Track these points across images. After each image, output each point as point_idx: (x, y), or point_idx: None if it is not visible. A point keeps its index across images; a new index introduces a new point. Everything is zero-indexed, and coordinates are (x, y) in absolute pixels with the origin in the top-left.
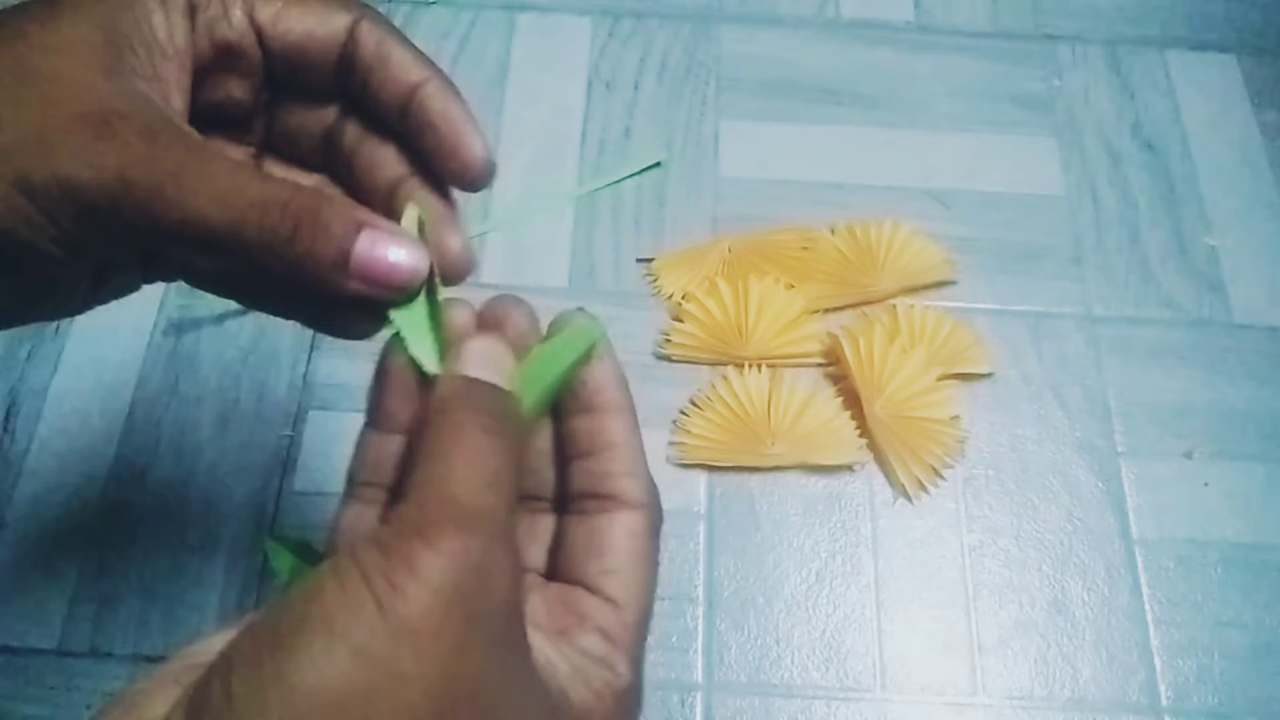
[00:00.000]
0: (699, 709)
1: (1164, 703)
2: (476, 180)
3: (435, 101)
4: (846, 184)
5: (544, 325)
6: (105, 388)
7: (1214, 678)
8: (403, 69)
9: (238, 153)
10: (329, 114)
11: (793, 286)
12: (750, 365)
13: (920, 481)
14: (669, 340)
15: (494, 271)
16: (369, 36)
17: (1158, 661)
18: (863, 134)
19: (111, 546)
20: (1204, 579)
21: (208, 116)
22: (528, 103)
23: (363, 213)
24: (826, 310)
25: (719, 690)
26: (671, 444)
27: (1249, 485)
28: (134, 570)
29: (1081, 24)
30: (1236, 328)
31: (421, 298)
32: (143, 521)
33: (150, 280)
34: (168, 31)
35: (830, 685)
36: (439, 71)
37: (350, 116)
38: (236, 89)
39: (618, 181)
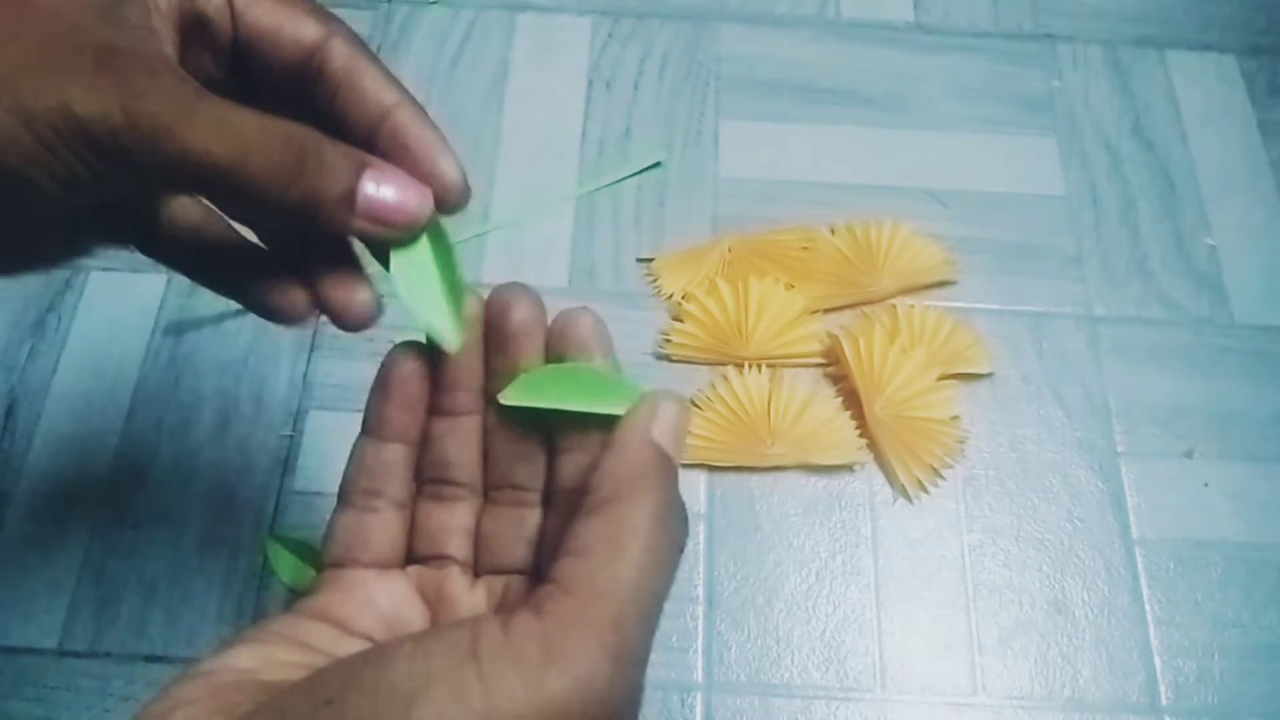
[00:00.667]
0: (699, 709)
1: (1164, 703)
2: (452, 204)
3: (408, 125)
4: (846, 184)
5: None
6: (105, 387)
7: (1214, 678)
8: (374, 90)
9: None
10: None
11: (793, 286)
12: (750, 365)
13: (920, 481)
14: (669, 340)
15: (494, 271)
16: (340, 52)
17: (1158, 661)
18: (863, 134)
19: (111, 546)
20: (1204, 579)
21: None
22: (528, 103)
23: (363, 153)
24: (826, 310)
25: (719, 690)
26: None
27: (1249, 485)
28: (134, 570)
29: (1081, 24)
30: (1236, 328)
31: (425, 251)
32: (143, 521)
33: (117, 240)
34: None
35: (830, 685)
36: (410, 95)
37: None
38: (209, 63)
39: (618, 181)
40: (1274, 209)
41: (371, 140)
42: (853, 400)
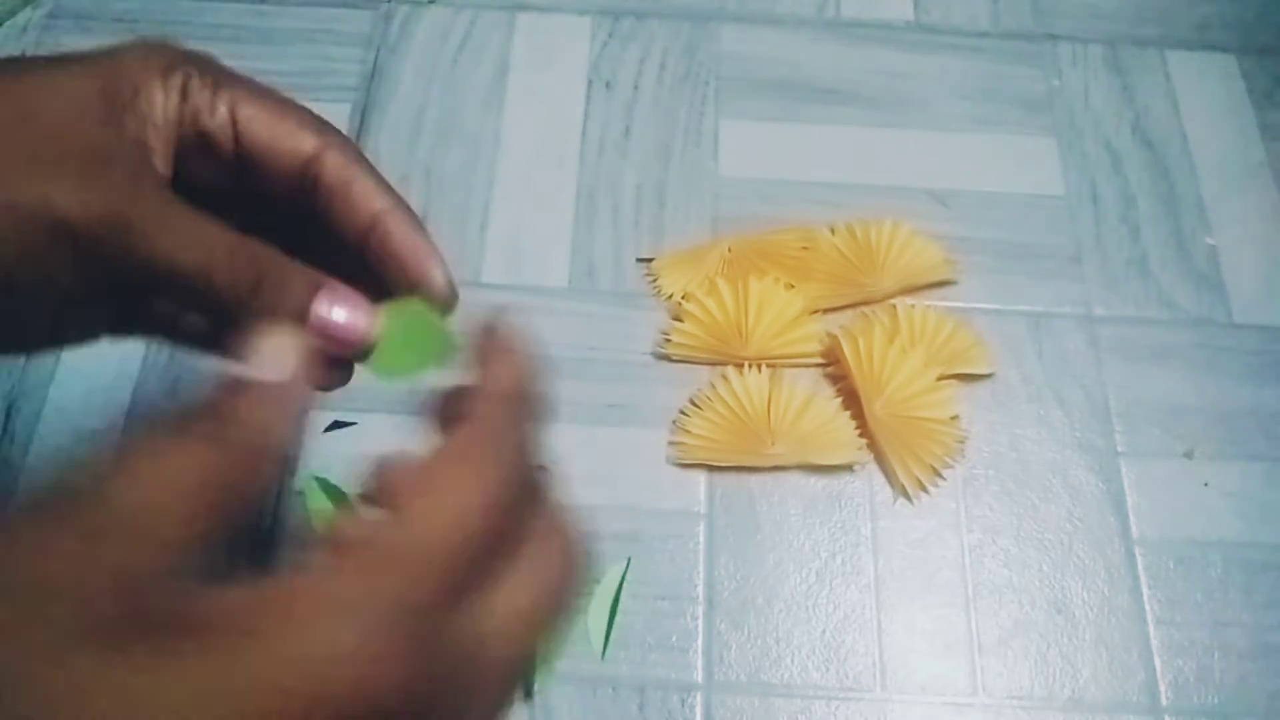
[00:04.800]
0: (699, 709)
1: (1164, 703)
2: (441, 308)
3: (397, 231)
4: (846, 184)
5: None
6: (105, 388)
7: (1214, 678)
8: (365, 198)
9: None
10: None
11: (793, 286)
12: (750, 365)
13: (920, 481)
14: (669, 340)
15: (494, 271)
16: (333, 162)
17: (1158, 661)
18: (863, 134)
19: None
20: (1204, 579)
21: (187, 195)
22: (528, 103)
23: (320, 275)
24: (826, 310)
25: (719, 690)
26: (671, 444)
27: (1249, 485)
28: None
29: (1081, 24)
30: (1236, 328)
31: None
32: None
33: (115, 332)
34: (162, 107)
35: (830, 685)
36: (401, 200)
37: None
38: (207, 172)
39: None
40: (1274, 209)
41: (363, 246)
42: (853, 400)
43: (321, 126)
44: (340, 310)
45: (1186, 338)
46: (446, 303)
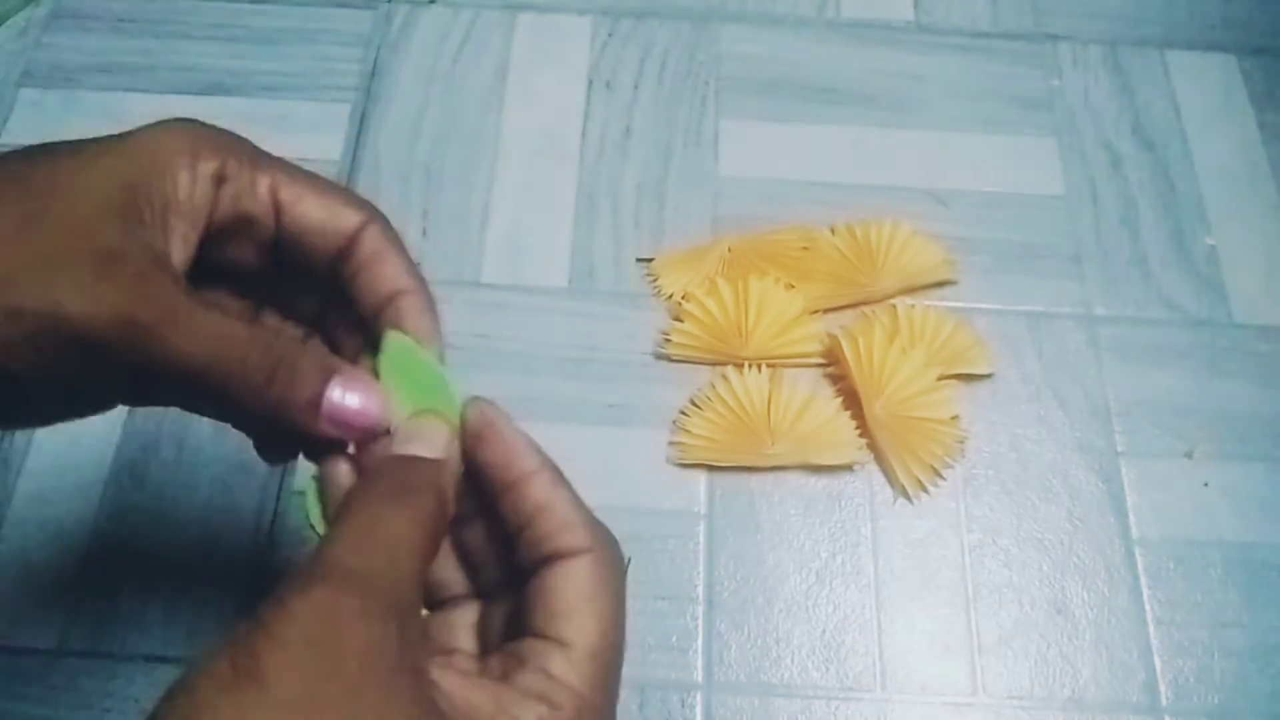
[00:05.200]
0: (699, 709)
1: (1164, 703)
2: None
3: (409, 308)
4: (846, 184)
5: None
6: None
7: (1214, 678)
8: (392, 276)
9: (237, 305)
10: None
11: (793, 286)
12: (750, 365)
13: (920, 481)
14: (669, 340)
15: (494, 271)
16: (371, 239)
17: (1158, 661)
18: (863, 134)
19: (111, 546)
20: (1204, 579)
21: (217, 270)
22: (528, 103)
23: (334, 360)
24: (826, 310)
25: (719, 690)
26: (671, 444)
27: (1249, 485)
28: (134, 570)
29: (1081, 24)
30: (1236, 328)
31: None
32: (143, 521)
33: (131, 404)
34: (189, 193)
35: (830, 685)
36: (423, 285)
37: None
38: (247, 251)
39: None
40: (1274, 209)
41: (374, 317)
42: (853, 400)
43: (362, 203)
44: (353, 397)
45: (1186, 338)
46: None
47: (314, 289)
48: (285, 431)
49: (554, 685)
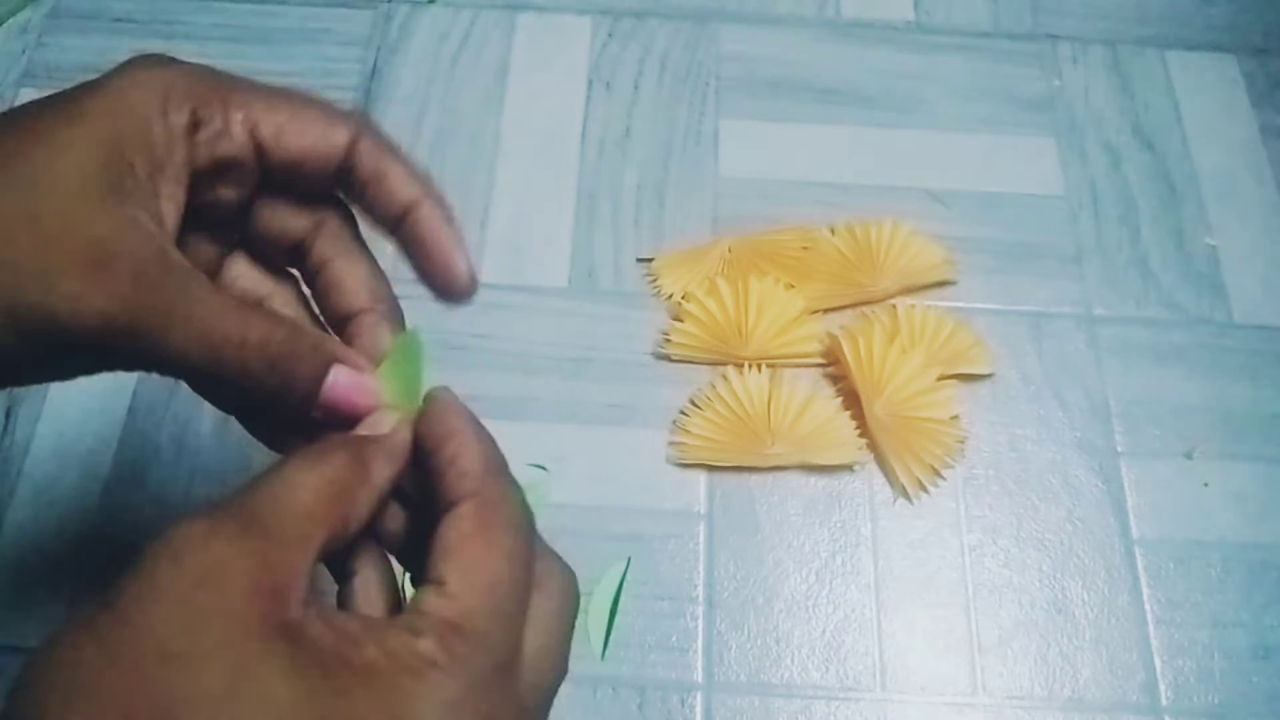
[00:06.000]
0: (699, 709)
1: (1164, 703)
2: (460, 297)
3: (427, 222)
4: (846, 184)
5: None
6: (105, 387)
7: (1214, 678)
8: (399, 187)
9: (210, 250)
10: (305, 223)
11: (793, 286)
12: (750, 365)
13: (920, 481)
14: (669, 340)
15: (494, 272)
16: (368, 153)
17: (1158, 661)
18: (863, 134)
19: (112, 546)
20: (1204, 579)
21: (192, 215)
22: (528, 103)
23: (333, 346)
24: (826, 310)
25: (719, 690)
26: (671, 444)
27: (1249, 485)
28: None
29: (1081, 24)
30: (1236, 328)
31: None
32: (143, 521)
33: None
34: (168, 147)
35: (830, 685)
36: (433, 189)
37: (325, 230)
38: (227, 194)
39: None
40: (1274, 209)
41: (394, 231)
42: (853, 400)
43: (344, 117)
44: (349, 385)
45: (1186, 338)
46: (466, 292)
47: (292, 228)
48: (282, 415)
49: (422, 618)
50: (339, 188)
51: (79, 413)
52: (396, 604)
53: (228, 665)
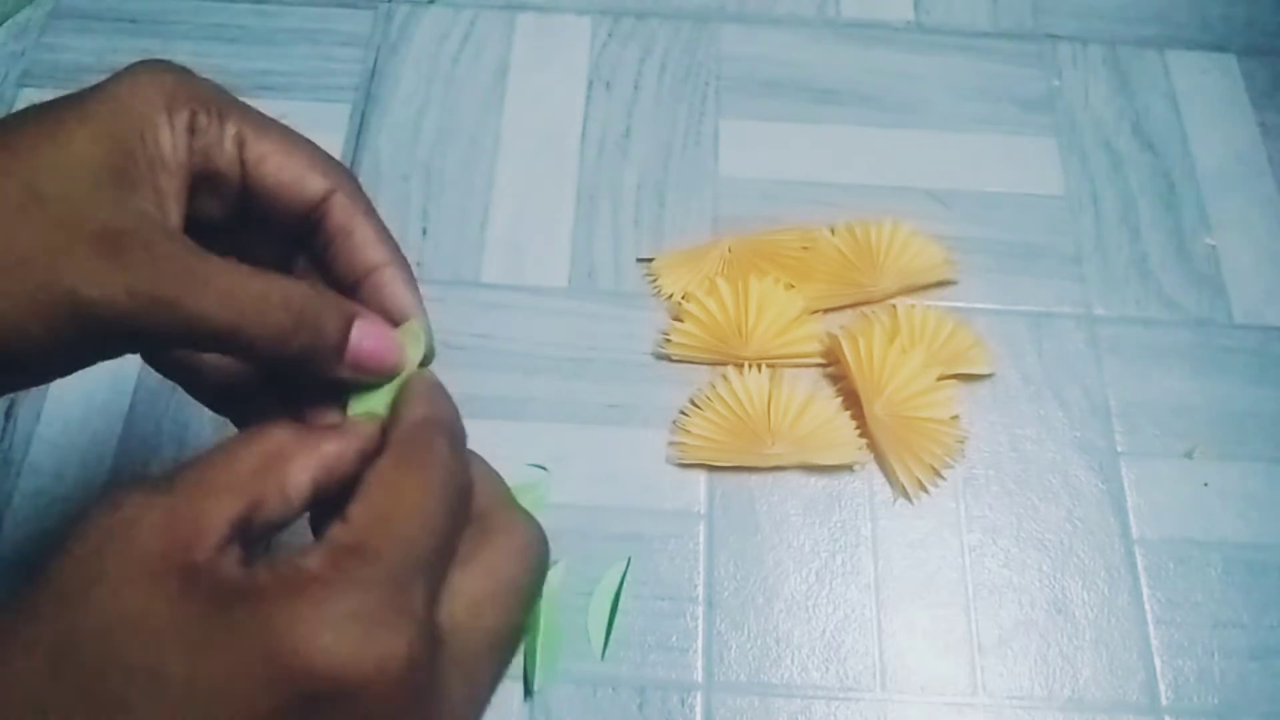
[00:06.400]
0: (699, 709)
1: (1164, 703)
2: (419, 362)
3: (388, 287)
4: (846, 184)
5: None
6: (105, 387)
7: (1214, 678)
8: (364, 248)
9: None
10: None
11: (793, 286)
12: (750, 365)
13: (920, 481)
14: (669, 340)
15: (494, 272)
16: (340, 207)
17: (1158, 661)
18: (863, 134)
19: None
20: (1204, 579)
21: (188, 222)
22: (528, 103)
23: (350, 305)
24: (826, 310)
25: (719, 690)
26: (671, 444)
27: (1249, 485)
28: None
29: (1081, 24)
30: (1236, 328)
31: (384, 395)
32: None
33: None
34: (171, 146)
35: (830, 685)
36: (398, 255)
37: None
38: (213, 207)
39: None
40: (1274, 209)
41: (354, 291)
42: (853, 400)
43: (329, 166)
44: (371, 340)
45: (1186, 338)
46: (424, 357)
47: (279, 241)
48: (304, 377)
49: (318, 543)
50: (307, 235)
51: (79, 412)
52: None
53: (121, 600)
